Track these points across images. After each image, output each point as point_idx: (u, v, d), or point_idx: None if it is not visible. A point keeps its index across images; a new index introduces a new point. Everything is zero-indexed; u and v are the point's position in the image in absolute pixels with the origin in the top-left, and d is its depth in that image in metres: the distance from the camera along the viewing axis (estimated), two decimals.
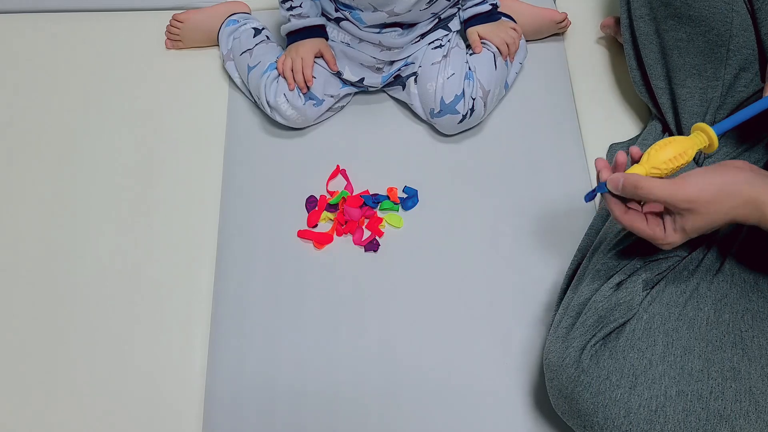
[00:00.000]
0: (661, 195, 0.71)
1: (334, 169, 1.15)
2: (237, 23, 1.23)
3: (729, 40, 0.95)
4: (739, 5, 0.94)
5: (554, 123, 1.17)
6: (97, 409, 0.99)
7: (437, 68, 1.13)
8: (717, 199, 0.70)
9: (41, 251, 1.09)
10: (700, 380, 0.76)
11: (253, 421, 0.97)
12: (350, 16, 1.12)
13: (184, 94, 1.23)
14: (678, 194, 0.70)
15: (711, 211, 0.70)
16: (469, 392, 0.98)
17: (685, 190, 0.70)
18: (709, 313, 0.80)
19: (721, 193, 0.70)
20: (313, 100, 1.13)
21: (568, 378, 0.81)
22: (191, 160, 1.16)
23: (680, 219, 0.72)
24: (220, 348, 1.01)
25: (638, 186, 0.72)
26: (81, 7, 1.32)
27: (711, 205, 0.70)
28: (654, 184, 0.71)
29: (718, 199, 0.70)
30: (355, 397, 0.98)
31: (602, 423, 0.78)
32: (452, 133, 1.16)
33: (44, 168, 1.16)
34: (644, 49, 1.03)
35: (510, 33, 1.15)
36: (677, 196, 0.70)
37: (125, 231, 1.10)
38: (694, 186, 0.71)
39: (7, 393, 1.00)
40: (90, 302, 1.05)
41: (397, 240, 1.09)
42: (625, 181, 0.72)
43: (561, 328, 0.87)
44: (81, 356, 1.02)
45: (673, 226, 0.73)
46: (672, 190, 0.70)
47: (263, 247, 1.09)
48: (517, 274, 1.05)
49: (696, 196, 0.70)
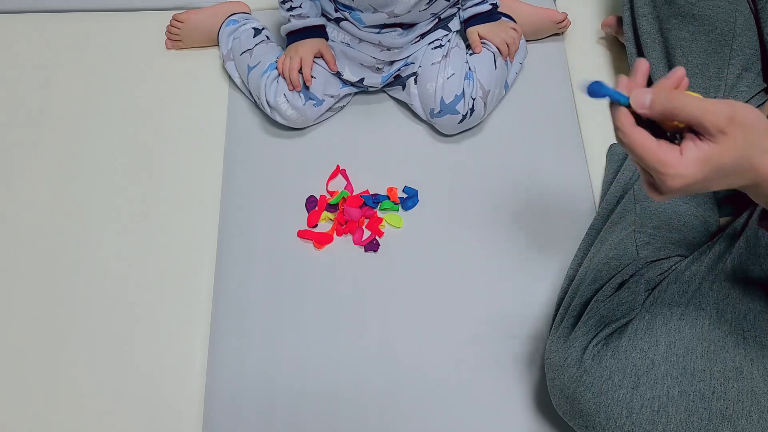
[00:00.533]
0: (698, 110, 0.59)
1: (334, 169, 1.14)
2: (237, 23, 1.23)
3: (732, 40, 0.95)
4: (742, 5, 0.94)
5: (554, 123, 1.17)
6: (97, 409, 0.98)
7: (437, 68, 1.13)
8: (757, 129, 0.59)
9: (41, 251, 1.09)
10: (703, 380, 0.76)
11: (253, 421, 0.97)
12: (350, 17, 1.12)
13: (184, 94, 1.23)
14: (719, 108, 0.59)
15: (746, 142, 0.59)
16: (469, 392, 0.98)
17: (730, 106, 0.59)
18: (711, 313, 0.80)
19: (763, 125, 0.60)
20: (313, 100, 1.13)
21: (570, 378, 0.81)
22: (191, 160, 1.16)
23: (707, 144, 0.60)
24: (220, 348, 1.01)
25: (672, 99, 0.60)
26: (81, 7, 1.32)
27: (749, 133, 0.59)
28: (690, 99, 0.60)
29: (757, 131, 0.59)
30: (355, 397, 0.98)
31: (604, 423, 0.78)
32: (452, 133, 1.16)
33: (44, 168, 1.16)
34: (647, 48, 1.03)
35: (510, 33, 1.15)
36: (718, 110, 0.59)
37: (125, 231, 1.10)
38: (738, 105, 0.59)
39: (8, 393, 1.00)
40: (90, 302, 1.05)
41: (397, 240, 1.09)
42: (655, 96, 0.60)
43: (563, 327, 0.87)
44: (81, 356, 1.01)
45: (696, 153, 0.60)
46: (711, 104, 0.59)
47: (263, 247, 1.08)
48: (517, 274, 1.05)
49: (739, 115, 0.59)
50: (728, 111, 0.58)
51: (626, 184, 1.05)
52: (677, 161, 0.60)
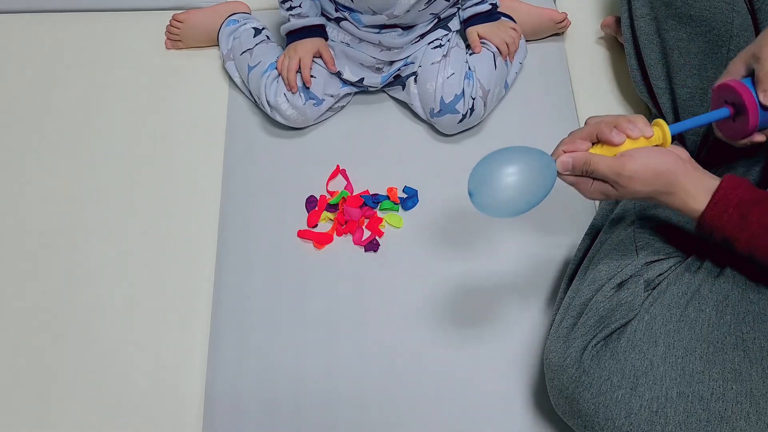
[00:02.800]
0: (606, 172, 0.74)
1: (334, 169, 1.15)
2: (237, 23, 1.23)
3: (729, 41, 0.95)
4: (739, 5, 0.94)
5: (554, 123, 1.17)
6: (98, 408, 0.99)
7: (437, 68, 1.13)
8: (652, 179, 0.74)
9: (41, 251, 1.09)
10: (701, 381, 0.76)
11: (253, 420, 0.97)
12: (349, 17, 1.12)
13: (184, 94, 1.23)
14: (623, 170, 0.74)
15: (640, 187, 0.75)
16: (469, 392, 0.98)
17: (630, 166, 0.74)
18: (710, 315, 0.80)
19: (656, 175, 0.74)
20: (313, 99, 1.13)
21: (569, 378, 0.81)
22: (191, 160, 1.16)
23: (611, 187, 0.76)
24: (220, 348, 1.01)
25: (588, 162, 0.75)
26: (81, 7, 1.32)
27: (644, 183, 0.74)
28: (599, 162, 0.74)
29: (652, 180, 0.74)
30: (355, 396, 0.98)
31: (603, 423, 0.78)
32: (452, 133, 1.16)
33: (44, 168, 1.16)
34: (645, 48, 1.03)
35: (510, 33, 1.15)
36: (622, 172, 0.74)
37: (125, 231, 1.10)
38: (636, 163, 0.74)
39: (7, 393, 1.00)
40: (90, 302, 1.05)
41: (397, 240, 1.09)
42: (575, 161, 0.75)
43: (562, 328, 0.87)
44: (81, 356, 1.02)
45: (601, 188, 0.76)
46: (617, 167, 0.74)
47: (263, 247, 1.09)
48: (516, 274, 1.05)
49: (635, 174, 0.74)
50: (619, 169, 0.74)
51: None
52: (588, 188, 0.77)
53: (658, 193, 0.75)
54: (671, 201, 0.76)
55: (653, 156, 0.75)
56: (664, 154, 0.75)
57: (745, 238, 0.74)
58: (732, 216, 0.73)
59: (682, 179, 0.75)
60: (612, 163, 0.74)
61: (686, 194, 0.75)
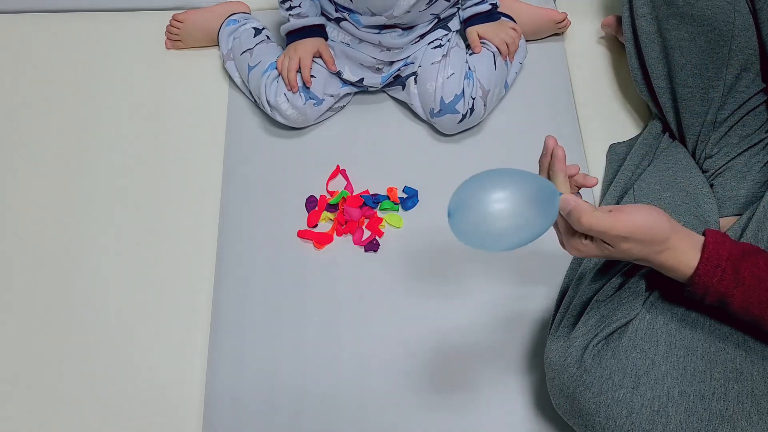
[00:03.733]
0: (602, 228, 0.70)
1: (334, 169, 1.14)
2: (237, 23, 1.23)
3: (731, 40, 0.95)
4: (741, 5, 0.94)
5: (554, 123, 1.17)
6: (98, 408, 0.98)
7: (437, 68, 1.13)
8: (645, 238, 0.71)
9: (41, 251, 1.09)
10: (703, 381, 0.76)
11: (253, 421, 0.97)
12: (349, 17, 1.12)
13: (184, 94, 1.23)
14: (618, 230, 0.70)
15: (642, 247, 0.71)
16: (469, 391, 0.98)
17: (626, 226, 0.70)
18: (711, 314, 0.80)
19: (650, 233, 0.71)
20: (313, 99, 1.13)
21: (570, 377, 0.81)
22: (191, 160, 1.16)
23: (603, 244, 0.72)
24: (220, 348, 1.01)
25: (582, 218, 0.70)
26: (81, 7, 1.32)
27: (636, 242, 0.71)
28: (600, 221, 0.70)
29: (646, 239, 0.71)
30: (355, 396, 0.98)
31: (604, 423, 0.78)
32: (452, 133, 1.16)
33: (44, 168, 1.16)
34: (646, 48, 1.03)
35: (510, 33, 1.15)
36: (618, 231, 0.70)
37: (125, 231, 1.10)
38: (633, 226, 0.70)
39: (8, 393, 1.00)
40: (90, 302, 1.05)
41: (397, 240, 1.09)
42: (572, 209, 0.70)
43: (562, 327, 0.87)
44: (81, 356, 1.01)
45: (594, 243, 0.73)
46: (611, 223, 0.69)
47: (263, 247, 1.08)
48: (517, 274, 1.05)
49: (633, 234, 0.70)
50: (624, 231, 0.70)
51: (626, 184, 1.05)
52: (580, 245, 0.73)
53: (653, 252, 0.72)
54: (664, 259, 0.72)
55: (647, 212, 0.72)
56: (656, 209, 0.72)
57: (741, 294, 0.72)
58: (726, 270, 0.71)
59: (674, 235, 0.72)
60: (606, 219, 0.69)
61: (679, 251, 0.72)
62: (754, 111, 1.01)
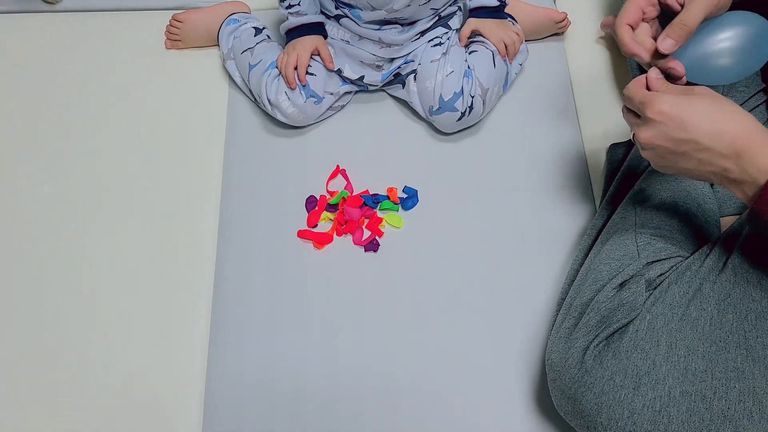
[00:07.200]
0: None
1: (334, 169, 1.14)
2: (237, 23, 1.23)
3: None
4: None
5: (554, 123, 1.17)
6: (98, 409, 0.98)
7: (436, 66, 1.13)
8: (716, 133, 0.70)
9: (40, 251, 1.09)
10: (704, 381, 0.76)
11: (253, 421, 0.97)
12: (349, 13, 1.12)
13: (184, 94, 1.23)
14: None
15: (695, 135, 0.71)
16: (470, 392, 0.98)
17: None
18: (712, 313, 0.80)
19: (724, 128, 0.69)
20: (313, 97, 1.13)
21: (571, 378, 0.81)
22: (191, 160, 1.16)
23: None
24: (220, 348, 1.01)
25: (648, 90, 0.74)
26: (81, 7, 1.32)
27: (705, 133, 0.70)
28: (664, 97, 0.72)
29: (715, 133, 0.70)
30: (355, 396, 0.98)
31: (605, 423, 0.78)
32: (451, 131, 1.16)
33: (43, 168, 1.16)
34: None
35: (510, 34, 1.15)
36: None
37: (125, 231, 1.10)
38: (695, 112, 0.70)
39: (7, 393, 0.99)
40: (90, 302, 1.05)
41: (397, 240, 1.09)
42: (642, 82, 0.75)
43: (563, 328, 0.87)
44: (81, 356, 1.01)
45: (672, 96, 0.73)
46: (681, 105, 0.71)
47: (263, 247, 1.08)
48: (517, 274, 1.05)
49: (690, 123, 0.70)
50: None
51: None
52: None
53: (719, 155, 0.68)
54: (732, 167, 0.68)
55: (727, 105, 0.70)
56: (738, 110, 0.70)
57: None
58: None
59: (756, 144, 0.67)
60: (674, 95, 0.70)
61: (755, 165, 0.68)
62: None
